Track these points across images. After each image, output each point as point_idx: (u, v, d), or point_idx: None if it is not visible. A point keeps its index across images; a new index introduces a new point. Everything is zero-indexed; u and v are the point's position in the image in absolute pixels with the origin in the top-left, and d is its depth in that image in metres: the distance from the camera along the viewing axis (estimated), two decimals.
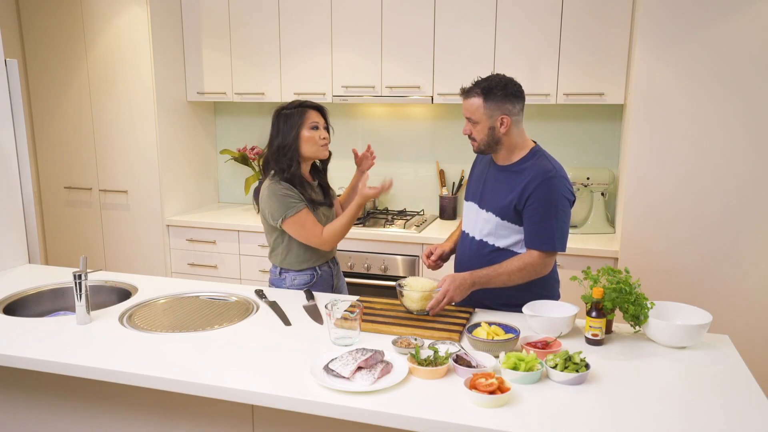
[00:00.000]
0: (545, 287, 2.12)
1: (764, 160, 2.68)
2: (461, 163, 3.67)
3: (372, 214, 3.65)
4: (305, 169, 2.35)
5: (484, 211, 2.11)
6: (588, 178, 3.23)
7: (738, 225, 2.75)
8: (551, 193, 1.97)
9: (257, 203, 2.36)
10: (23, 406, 2.04)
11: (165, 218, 3.71)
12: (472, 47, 3.23)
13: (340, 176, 3.87)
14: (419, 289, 1.99)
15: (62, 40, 3.69)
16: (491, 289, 2.08)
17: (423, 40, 3.31)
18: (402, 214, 3.70)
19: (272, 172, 2.30)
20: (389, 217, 3.58)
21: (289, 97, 3.57)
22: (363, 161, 2.49)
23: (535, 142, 2.11)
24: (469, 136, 2.07)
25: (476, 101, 1.99)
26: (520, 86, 2.03)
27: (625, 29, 3.00)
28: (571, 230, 3.23)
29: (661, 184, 2.81)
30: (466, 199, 2.24)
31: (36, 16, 3.71)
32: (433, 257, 2.23)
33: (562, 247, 2.01)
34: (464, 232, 2.23)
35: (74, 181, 3.87)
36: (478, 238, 2.14)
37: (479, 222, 2.13)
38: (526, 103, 1.96)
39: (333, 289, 2.46)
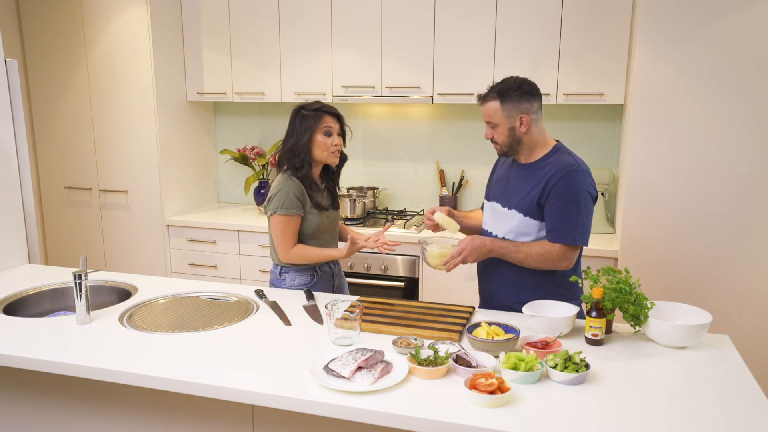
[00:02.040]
0: (569, 288, 2.08)
1: (764, 159, 2.68)
2: (461, 163, 3.67)
3: (372, 214, 3.65)
4: (316, 172, 2.37)
5: (507, 209, 2.11)
6: None
7: (738, 225, 2.75)
8: (572, 187, 1.97)
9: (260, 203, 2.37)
10: (23, 406, 2.04)
11: (165, 218, 3.70)
12: (472, 47, 3.23)
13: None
14: (440, 246, 2.06)
15: (62, 40, 3.69)
16: (512, 288, 2.10)
17: (423, 40, 3.31)
18: (402, 214, 3.70)
19: (285, 167, 2.34)
20: (389, 217, 3.58)
21: (289, 98, 3.58)
22: (377, 242, 2.34)
23: (557, 141, 2.13)
24: (492, 140, 2.09)
25: (494, 105, 2.02)
26: (534, 85, 2.05)
27: (625, 29, 3.00)
28: None
29: (661, 184, 2.81)
30: (488, 199, 2.24)
31: (36, 16, 3.71)
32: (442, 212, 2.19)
33: (584, 241, 2.00)
34: (486, 230, 2.22)
35: (74, 181, 3.87)
36: (500, 235, 2.13)
37: (502, 220, 2.13)
38: None
39: (334, 288, 2.47)
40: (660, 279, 2.87)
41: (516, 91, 2.00)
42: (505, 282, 2.13)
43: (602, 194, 3.27)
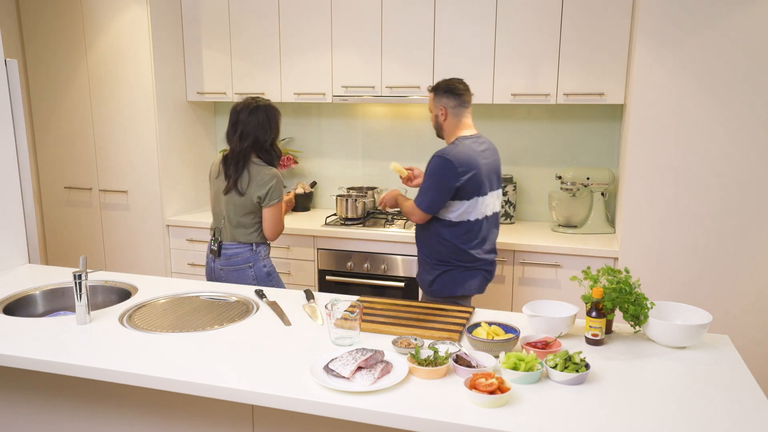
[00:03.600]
0: (451, 251, 2.53)
1: (764, 159, 2.68)
2: None
3: (372, 214, 3.65)
4: None
5: None
6: (588, 178, 3.23)
7: (738, 225, 2.75)
8: (431, 166, 2.48)
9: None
10: (23, 406, 2.04)
11: (165, 218, 3.70)
12: (472, 47, 3.23)
13: (340, 175, 3.88)
14: None
15: (62, 40, 3.69)
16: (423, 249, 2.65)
17: (423, 40, 3.31)
18: (402, 214, 3.70)
19: (262, 159, 2.64)
20: (389, 217, 3.58)
21: (289, 98, 3.58)
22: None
23: (472, 135, 2.54)
24: None
25: (430, 95, 2.61)
26: (459, 87, 2.53)
27: (625, 29, 3.00)
28: (571, 230, 3.27)
29: (661, 184, 2.81)
30: None
31: (36, 16, 3.71)
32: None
33: (423, 207, 2.50)
34: None
35: (74, 181, 3.87)
36: None
37: None
38: (527, 103, 2.04)
39: None
40: (660, 279, 2.87)
41: (441, 89, 2.55)
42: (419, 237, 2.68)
43: (602, 194, 3.27)
